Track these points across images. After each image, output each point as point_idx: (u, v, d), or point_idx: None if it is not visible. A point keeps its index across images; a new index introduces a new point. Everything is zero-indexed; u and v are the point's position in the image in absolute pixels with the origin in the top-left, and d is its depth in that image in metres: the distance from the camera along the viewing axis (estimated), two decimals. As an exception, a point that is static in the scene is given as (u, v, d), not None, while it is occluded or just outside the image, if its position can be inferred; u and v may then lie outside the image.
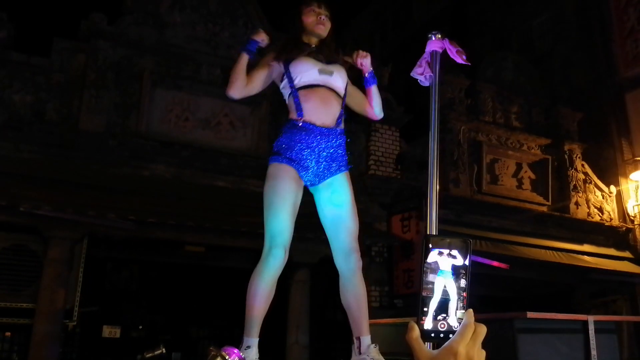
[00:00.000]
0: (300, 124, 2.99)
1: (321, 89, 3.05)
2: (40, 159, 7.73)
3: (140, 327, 11.41)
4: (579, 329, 4.09)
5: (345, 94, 3.16)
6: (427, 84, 2.36)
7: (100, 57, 8.47)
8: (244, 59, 3.10)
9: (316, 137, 3.00)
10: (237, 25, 9.59)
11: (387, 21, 21.38)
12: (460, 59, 2.37)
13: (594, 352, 3.99)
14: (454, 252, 1.12)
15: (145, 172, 8.36)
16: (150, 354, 3.79)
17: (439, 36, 2.33)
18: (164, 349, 3.75)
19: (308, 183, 3.04)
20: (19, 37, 8.53)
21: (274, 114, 9.42)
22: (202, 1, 9.42)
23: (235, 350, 3.12)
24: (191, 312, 11.48)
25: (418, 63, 2.47)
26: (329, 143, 3.03)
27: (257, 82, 3.16)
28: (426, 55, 2.37)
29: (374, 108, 3.29)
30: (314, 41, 3.21)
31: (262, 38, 3.12)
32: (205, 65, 9.17)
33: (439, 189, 1.87)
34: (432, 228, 1.81)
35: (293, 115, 3.04)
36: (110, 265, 11.06)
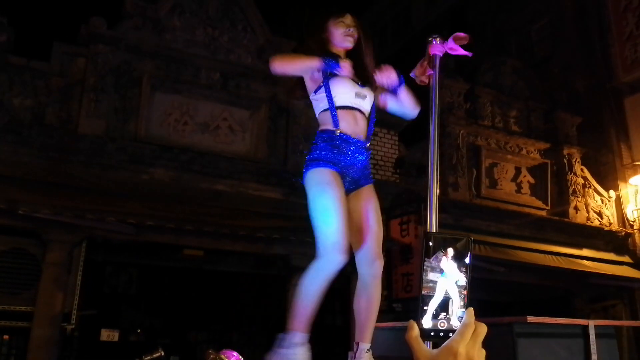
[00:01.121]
0: (338, 134, 3.08)
1: (354, 111, 3.15)
2: (40, 163, 7.73)
3: (139, 330, 11.38)
4: (579, 333, 4.08)
5: (373, 115, 3.28)
6: (425, 82, 2.37)
7: (100, 61, 8.47)
8: (315, 63, 3.07)
9: (352, 148, 3.10)
10: (237, 29, 9.60)
11: (386, 26, 21.44)
12: (462, 50, 2.37)
13: (594, 357, 3.98)
14: (455, 250, 1.12)
15: (144, 176, 8.36)
16: (149, 358, 3.77)
17: (439, 40, 2.34)
18: (162, 352, 3.74)
19: (346, 189, 3.12)
20: (18, 41, 8.54)
21: (273, 118, 9.44)
22: (201, 5, 9.44)
23: (235, 353, 3.13)
24: (190, 316, 11.46)
25: (419, 64, 2.48)
26: (362, 155, 3.15)
27: (297, 69, 3.22)
28: (426, 57, 2.38)
29: (410, 106, 3.31)
30: (342, 53, 3.28)
31: (344, 66, 3.07)
32: (205, 69, 9.18)
33: (438, 194, 1.87)
34: (432, 228, 1.81)
35: (329, 126, 3.13)
36: (109, 268, 11.03)
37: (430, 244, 1.12)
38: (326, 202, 2.93)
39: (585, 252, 11.53)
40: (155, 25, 9.03)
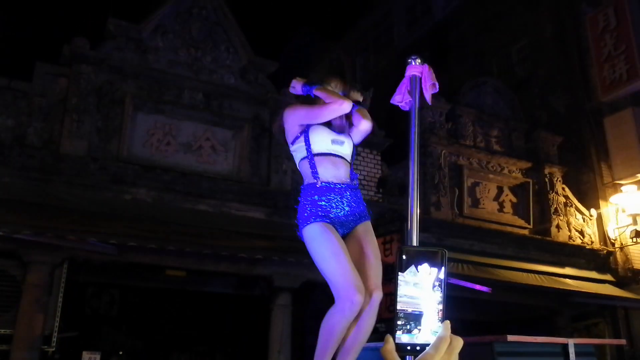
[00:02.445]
0: (319, 185, 3.19)
1: (332, 156, 3.29)
2: (21, 183, 7.67)
3: (121, 352, 11.25)
4: (559, 352, 4.11)
5: (352, 159, 3.43)
6: (407, 109, 2.39)
7: (83, 82, 8.46)
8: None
9: (337, 193, 3.20)
10: (219, 50, 9.64)
11: (368, 46, 21.60)
12: (428, 95, 2.41)
13: (574, 376, 4.01)
14: (429, 264, 1.11)
15: (126, 196, 8.32)
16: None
17: (419, 61, 2.35)
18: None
19: (340, 234, 3.20)
20: None
21: (256, 138, 9.45)
22: (184, 26, 9.47)
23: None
24: (172, 337, 11.36)
25: (397, 90, 2.49)
26: (350, 197, 3.24)
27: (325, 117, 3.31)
28: (405, 81, 2.39)
29: (365, 127, 3.42)
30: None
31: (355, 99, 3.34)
32: (187, 89, 9.20)
33: (420, 213, 1.88)
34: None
35: (309, 180, 3.25)
36: (91, 290, 10.93)
37: (404, 257, 1.11)
38: (325, 252, 3.03)
39: (568, 270, 11.58)
40: (138, 45, 9.04)
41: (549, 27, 14.96)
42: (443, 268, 1.12)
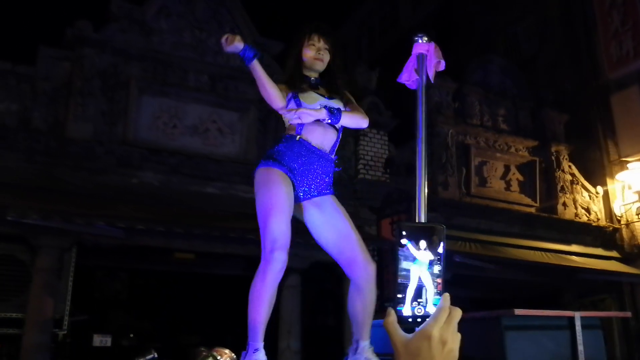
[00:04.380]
0: (297, 139, 3.09)
1: (323, 123, 3.13)
2: (27, 168, 7.68)
3: (131, 335, 11.35)
4: (565, 325, 4.15)
5: (341, 127, 3.25)
6: (414, 87, 2.37)
7: (86, 65, 8.43)
8: (259, 67, 3.01)
9: (310, 154, 3.11)
10: (224, 31, 9.44)
11: (374, 26, 21.48)
12: (432, 73, 2.39)
13: (580, 348, 4.06)
14: (428, 239, 1.15)
15: (133, 180, 8.33)
16: (140, 361, 3.75)
17: (425, 39, 2.33)
18: (155, 354, 3.71)
19: (298, 196, 3.11)
20: (3, 45, 8.48)
21: (262, 120, 9.42)
22: (188, 8, 9.40)
23: (227, 351, 3.13)
24: (181, 319, 11.43)
25: (404, 68, 2.47)
26: (322, 165, 3.14)
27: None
28: (412, 59, 2.37)
29: (358, 126, 3.36)
30: (313, 75, 3.28)
31: (236, 42, 2.97)
32: (193, 71, 9.16)
33: (428, 192, 1.88)
34: None
35: (291, 131, 3.14)
36: (100, 273, 11.00)
37: (404, 233, 1.14)
38: (267, 202, 2.94)
39: (574, 247, 11.64)
40: (141, 27, 8.99)
41: (555, 4, 14.81)
42: (442, 243, 1.16)
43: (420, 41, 2.31)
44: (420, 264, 1.13)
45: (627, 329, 11.47)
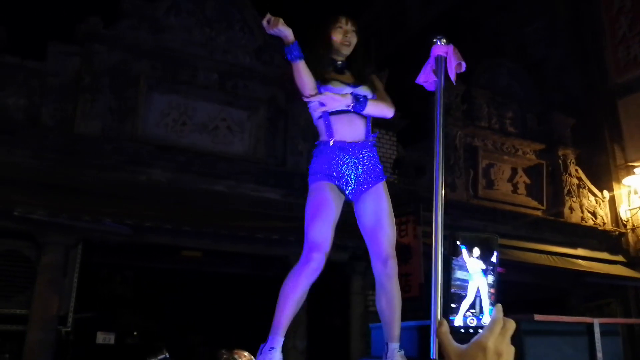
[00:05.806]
0: (332, 144, 3.12)
1: (349, 113, 3.15)
2: (35, 164, 7.64)
3: (135, 333, 11.32)
4: (584, 331, 4.15)
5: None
6: (432, 89, 2.36)
7: (96, 61, 8.39)
8: (302, 65, 3.02)
9: (350, 152, 3.12)
10: (234, 29, 9.56)
11: (383, 27, 21.46)
12: (453, 74, 2.39)
13: (599, 354, 4.04)
14: (481, 249, 1.13)
15: (141, 177, 8.29)
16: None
17: (444, 41, 2.33)
18: (167, 354, 3.69)
19: (350, 196, 3.16)
20: (13, 41, 8.45)
21: (271, 119, 9.40)
22: (198, 5, 9.38)
23: (246, 353, 3.12)
24: (187, 318, 11.40)
25: (422, 70, 2.46)
26: (363, 156, 3.15)
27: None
28: (430, 61, 2.36)
29: (384, 114, 3.35)
30: (340, 59, 3.31)
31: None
32: (202, 69, 9.13)
33: (445, 194, 1.87)
34: (438, 232, 1.79)
35: (324, 137, 3.17)
36: (106, 271, 10.97)
37: (458, 242, 1.14)
38: (313, 209, 3.02)
39: (580, 251, 11.67)
40: (152, 24, 8.96)
41: (563, 8, 14.82)
42: (495, 253, 1.17)
43: (438, 43, 2.30)
44: (473, 274, 1.14)
45: (633, 333, 11.46)
